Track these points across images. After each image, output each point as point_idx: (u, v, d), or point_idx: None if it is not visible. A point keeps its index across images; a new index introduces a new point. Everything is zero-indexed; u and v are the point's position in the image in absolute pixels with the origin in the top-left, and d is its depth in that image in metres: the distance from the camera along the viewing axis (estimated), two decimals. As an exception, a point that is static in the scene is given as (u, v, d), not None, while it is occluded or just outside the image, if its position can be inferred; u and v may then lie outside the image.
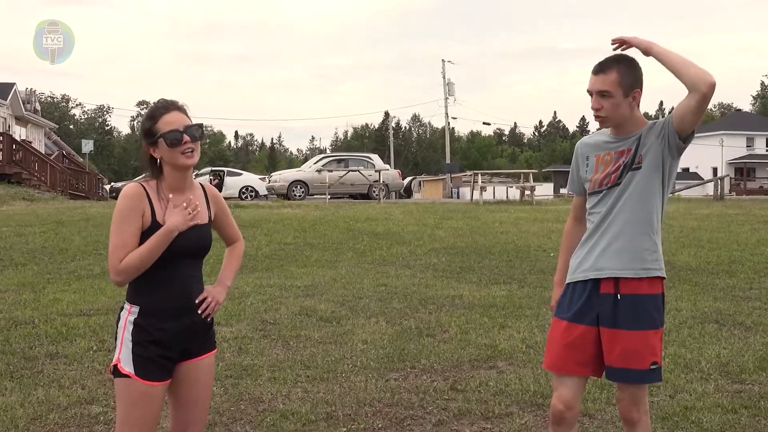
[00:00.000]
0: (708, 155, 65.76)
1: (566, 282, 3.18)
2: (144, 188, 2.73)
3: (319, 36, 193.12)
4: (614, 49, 3.02)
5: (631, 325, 2.96)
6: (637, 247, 3.00)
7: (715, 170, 63.18)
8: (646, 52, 2.95)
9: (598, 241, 3.06)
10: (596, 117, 3.04)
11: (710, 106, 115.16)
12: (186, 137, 2.70)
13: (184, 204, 2.71)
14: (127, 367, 2.68)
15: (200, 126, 2.79)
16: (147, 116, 2.78)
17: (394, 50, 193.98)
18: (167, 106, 2.75)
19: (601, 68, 2.98)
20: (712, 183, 30.00)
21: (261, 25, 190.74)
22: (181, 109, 2.76)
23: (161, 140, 2.70)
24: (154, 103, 2.82)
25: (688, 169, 67.48)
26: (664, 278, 3.08)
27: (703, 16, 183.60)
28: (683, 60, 2.86)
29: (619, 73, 2.94)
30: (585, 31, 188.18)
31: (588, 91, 3.02)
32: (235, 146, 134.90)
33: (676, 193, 30.45)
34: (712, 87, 2.78)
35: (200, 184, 2.95)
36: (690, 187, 34.54)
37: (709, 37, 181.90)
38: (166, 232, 2.67)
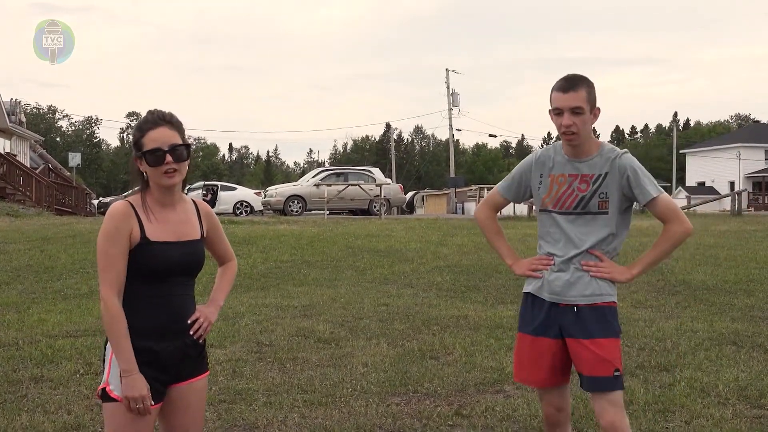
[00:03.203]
0: (725, 168, 64.67)
1: (525, 290, 3.33)
2: (131, 206, 2.69)
3: (316, 45, 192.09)
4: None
5: (593, 334, 3.12)
6: (599, 281, 3.17)
7: (732, 184, 61.66)
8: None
9: (560, 267, 3.19)
10: (568, 134, 3.12)
11: (727, 117, 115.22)
12: (169, 158, 2.65)
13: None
14: (116, 390, 2.62)
15: (187, 146, 2.73)
16: (136, 127, 2.74)
17: (396, 60, 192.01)
18: (156, 121, 2.69)
19: (571, 85, 3.11)
20: (729, 198, 30.08)
21: (256, 35, 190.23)
22: (173, 124, 2.70)
23: (143, 157, 2.68)
24: (147, 112, 2.76)
25: (704, 184, 66.54)
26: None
27: (719, 27, 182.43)
28: (666, 251, 3.20)
29: (587, 91, 3.12)
30: (594, 40, 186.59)
31: (556, 108, 3.13)
32: (229, 159, 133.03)
33: (692, 209, 30.45)
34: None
35: (192, 199, 2.91)
36: (706, 203, 34.55)
37: (725, 48, 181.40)
38: (123, 373, 2.61)
